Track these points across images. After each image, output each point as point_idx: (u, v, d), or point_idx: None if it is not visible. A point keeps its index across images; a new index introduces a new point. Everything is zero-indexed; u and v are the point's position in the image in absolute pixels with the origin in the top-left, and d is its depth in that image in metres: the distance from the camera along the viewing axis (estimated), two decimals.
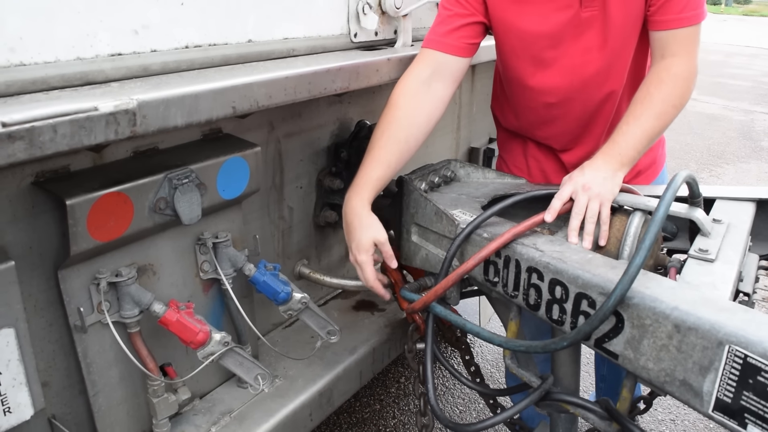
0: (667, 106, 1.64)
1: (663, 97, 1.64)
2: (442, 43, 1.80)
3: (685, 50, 1.69)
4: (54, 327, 1.44)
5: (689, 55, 1.69)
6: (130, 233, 1.44)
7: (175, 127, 1.28)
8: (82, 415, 1.55)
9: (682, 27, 1.67)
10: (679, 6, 1.65)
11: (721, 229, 1.52)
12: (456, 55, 1.81)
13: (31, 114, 1.03)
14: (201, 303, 1.71)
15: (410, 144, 1.78)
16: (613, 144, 1.62)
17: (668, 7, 1.66)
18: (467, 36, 1.81)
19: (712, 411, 1.13)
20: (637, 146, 1.61)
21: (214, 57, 1.57)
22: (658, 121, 1.63)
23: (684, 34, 1.68)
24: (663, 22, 1.69)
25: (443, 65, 1.81)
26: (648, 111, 1.63)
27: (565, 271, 1.34)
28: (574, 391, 1.64)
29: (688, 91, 1.69)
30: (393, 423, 3.06)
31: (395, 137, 1.75)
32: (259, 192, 1.82)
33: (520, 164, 2.15)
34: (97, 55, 1.32)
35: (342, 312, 2.30)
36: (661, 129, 1.66)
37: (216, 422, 1.72)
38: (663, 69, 1.69)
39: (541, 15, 1.75)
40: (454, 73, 1.84)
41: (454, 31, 1.80)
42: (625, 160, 1.59)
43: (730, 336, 1.08)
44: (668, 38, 1.69)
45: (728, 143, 8.54)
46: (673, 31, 1.68)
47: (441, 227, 1.66)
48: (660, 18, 1.69)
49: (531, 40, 1.80)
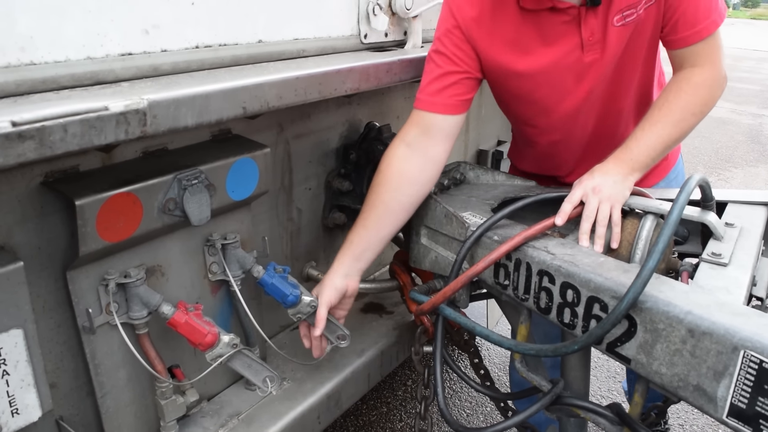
0: (686, 114, 1.61)
1: (682, 105, 1.61)
2: (431, 102, 1.73)
3: (708, 60, 1.64)
4: (62, 328, 1.43)
5: (713, 64, 1.65)
6: (139, 234, 1.43)
7: (186, 128, 1.27)
8: (90, 417, 1.55)
9: (698, 42, 1.62)
10: (690, 21, 1.60)
11: (733, 233, 1.50)
12: (448, 114, 1.73)
13: (42, 113, 1.02)
14: (209, 305, 1.71)
15: (395, 209, 1.73)
16: (625, 149, 1.59)
17: (680, 25, 1.62)
18: (459, 93, 1.74)
19: (726, 417, 1.11)
20: (650, 153, 1.58)
21: (224, 57, 1.56)
22: (675, 129, 1.60)
23: (702, 47, 1.63)
24: (678, 41, 1.64)
25: (434, 125, 1.73)
26: (665, 118, 1.60)
27: (576, 274, 1.33)
28: (584, 395, 1.63)
29: (712, 99, 1.65)
30: (400, 426, 3.05)
31: (380, 200, 1.72)
32: (268, 193, 1.81)
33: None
34: (107, 55, 1.31)
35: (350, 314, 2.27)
36: (679, 137, 1.63)
37: (224, 425, 1.71)
38: (683, 78, 1.65)
39: (542, 60, 1.70)
40: (445, 131, 1.75)
41: (445, 90, 1.72)
42: (637, 166, 1.56)
43: (746, 341, 1.07)
44: (686, 54, 1.65)
45: (736, 147, 8.51)
46: (690, 47, 1.63)
47: (451, 230, 1.65)
48: (674, 37, 1.64)
49: (531, 87, 1.76)
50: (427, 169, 1.75)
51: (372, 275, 2.60)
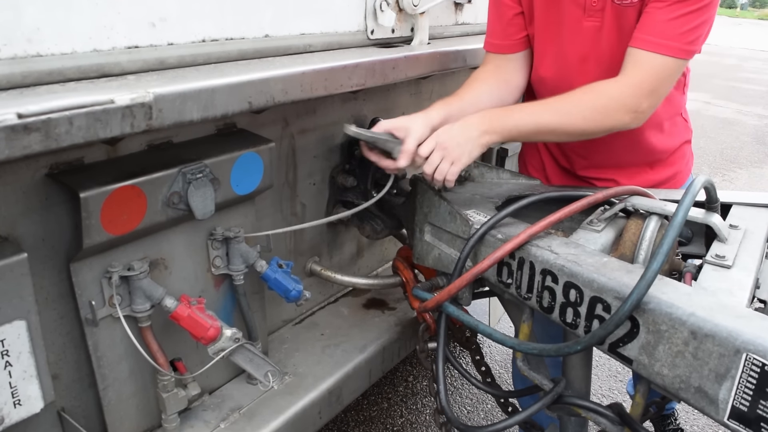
0: (577, 111, 1.59)
1: (578, 102, 1.59)
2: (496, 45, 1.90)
3: (639, 78, 1.56)
4: (65, 320, 1.44)
5: (639, 86, 1.56)
6: (143, 227, 1.43)
7: (191, 122, 1.27)
8: (92, 409, 1.55)
9: (646, 50, 1.54)
10: (654, 25, 1.53)
11: (737, 235, 1.50)
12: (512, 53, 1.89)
13: (48, 105, 1.03)
14: (212, 298, 1.71)
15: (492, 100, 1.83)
16: (501, 109, 1.67)
17: (645, 23, 1.56)
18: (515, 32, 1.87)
19: (727, 419, 1.11)
20: (518, 124, 1.62)
21: (230, 51, 1.56)
22: (557, 117, 1.61)
23: (645, 59, 1.55)
24: (634, 39, 1.57)
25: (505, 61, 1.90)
26: (556, 105, 1.62)
27: (579, 274, 1.32)
28: (585, 394, 1.62)
29: (612, 116, 1.58)
30: (401, 422, 3.05)
31: (479, 90, 1.84)
32: (273, 188, 1.81)
33: (536, 164, 2.13)
34: (114, 48, 1.31)
35: (352, 310, 2.30)
36: (556, 128, 1.62)
37: (225, 418, 1.71)
38: (603, 82, 1.60)
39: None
40: (521, 62, 1.91)
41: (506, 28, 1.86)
42: (499, 129, 1.61)
43: (748, 344, 1.06)
44: (630, 56, 1.58)
45: (742, 147, 8.48)
46: (636, 50, 1.56)
47: (455, 227, 1.65)
48: (636, 34, 1.58)
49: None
50: (516, 79, 1.93)
51: (375, 271, 2.60)
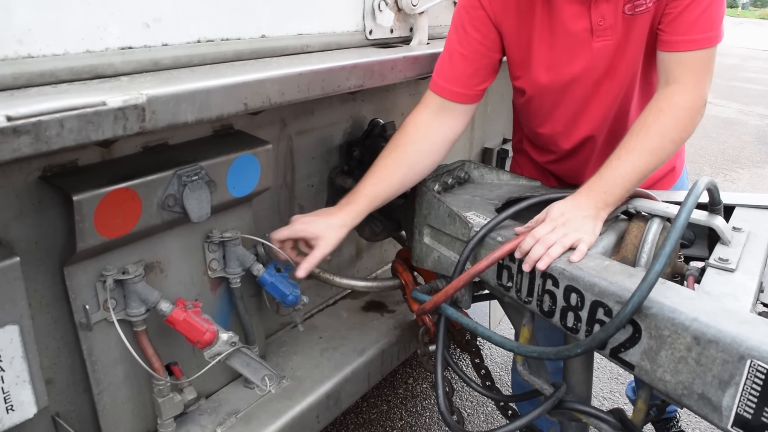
0: (665, 140, 1.51)
1: (661, 130, 1.51)
2: (447, 90, 1.73)
3: (693, 77, 1.53)
4: (59, 324, 1.42)
5: (697, 84, 1.54)
6: (138, 230, 1.42)
7: (185, 124, 1.25)
8: (86, 414, 1.54)
9: (689, 50, 1.53)
10: (687, 25, 1.52)
11: (741, 238, 1.48)
12: (464, 103, 1.74)
13: (38, 108, 1.01)
14: (209, 302, 1.69)
15: (414, 169, 1.72)
16: (600, 179, 1.50)
17: (676, 25, 1.53)
18: (479, 82, 1.74)
19: (731, 427, 1.09)
20: (625, 184, 1.49)
21: (226, 52, 1.54)
22: (652, 157, 1.50)
23: (691, 59, 1.53)
24: (670, 43, 1.55)
25: (450, 106, 1.74)
26: (642, 145, 1.50)
27: (580, 278, 1.31)
28: (586, 399, 1.61)
29: (692, 124, 1.55)
30: (400, 425, 3.03)
31: (400, 159, 1.70)
32: (270, 190, 1.79)
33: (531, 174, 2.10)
34: (107, 48, 1.29)
35: (351, 312, 2.28)
36: (656, 165, 1.53)
37: (222, 423, 1.70)
38: (664, 98, 1.55)
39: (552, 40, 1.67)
40: (464, 112, 1.77)
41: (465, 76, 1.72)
42: (611, 200, 1.48)
43: (753, 350, 1.04)
44: (674, 61, 1.55)
45: (743, 147, 8.46)
46: (678, 54, 1.54)
47: (454, 229, 1.63)
48: (667, 38, 1.55)
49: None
50: (448, 138, 1.77)
51: (374, 273, 2.58)
